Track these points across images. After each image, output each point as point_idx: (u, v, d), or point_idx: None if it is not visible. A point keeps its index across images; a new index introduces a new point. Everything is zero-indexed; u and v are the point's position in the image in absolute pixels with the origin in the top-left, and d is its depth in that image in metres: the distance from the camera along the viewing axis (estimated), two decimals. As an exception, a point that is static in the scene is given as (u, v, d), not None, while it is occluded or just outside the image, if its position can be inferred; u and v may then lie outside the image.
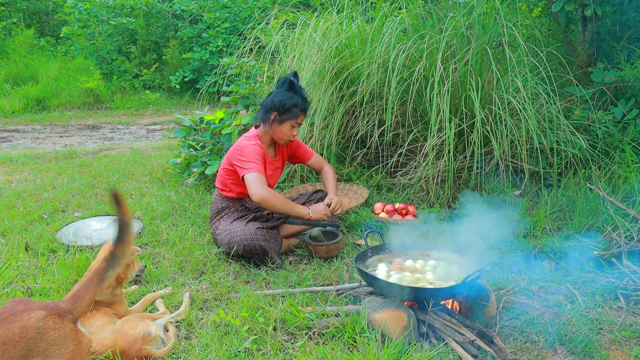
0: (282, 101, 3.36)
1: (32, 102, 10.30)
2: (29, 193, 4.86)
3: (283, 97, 3.36)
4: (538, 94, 4.19)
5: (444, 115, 3.87)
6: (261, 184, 3.20)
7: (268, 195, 3.17)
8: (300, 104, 3.37)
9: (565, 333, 2.52)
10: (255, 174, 3.23)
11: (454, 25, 4.21)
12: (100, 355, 2.26)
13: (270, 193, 3.20)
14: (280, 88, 3.42)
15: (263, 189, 3.18)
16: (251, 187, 3.20)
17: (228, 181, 3.50)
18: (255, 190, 3.18)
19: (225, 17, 11.28)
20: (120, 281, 2.56)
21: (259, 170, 3.26)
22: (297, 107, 3.36)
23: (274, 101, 3.38)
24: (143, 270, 2.72)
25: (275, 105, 3.37)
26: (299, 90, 3.40)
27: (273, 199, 3.19)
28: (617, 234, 3.19)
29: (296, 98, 3.37)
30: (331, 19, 4.90)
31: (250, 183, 3.21)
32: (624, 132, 4.19)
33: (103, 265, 1.94)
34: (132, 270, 2.63)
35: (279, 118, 3.38)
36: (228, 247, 3.32)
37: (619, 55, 4.61)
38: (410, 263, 2.88)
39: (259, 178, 3.22)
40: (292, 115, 3.37)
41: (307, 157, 3.77)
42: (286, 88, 3.40)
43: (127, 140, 8.16)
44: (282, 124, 3.39)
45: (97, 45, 11.32)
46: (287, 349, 2.41)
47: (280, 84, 3.44)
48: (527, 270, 3.21)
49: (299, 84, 3.43)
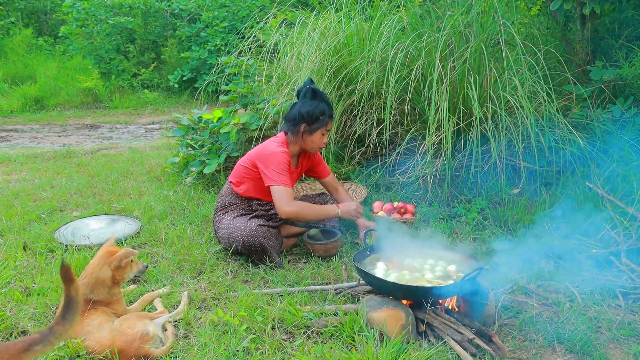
0: (309, 112, 3.34)
1: (30, 102, 10.27)
2: (27, 192, 4.86)
3: (309, 107, 3.35)
4: (536, 92, 4.18)
5: (442, 114, 3.86)
6: (289, 200, 3.21)
7: (297, 210, 3.21)
8: (327, 111, 3.37)
9: (564, 331, 2.52)
10: (284, 188, 3.23)
11: (452, 24, 4.21)
12: (98, 354, 2.27)
13: (299, 206, 3.23)
14: (304, 98, 3.40)
15: (290, 206, 3.19)
16: (280, 202, 3.20)
17: (245, 179, 3.46)
18: (284, 207, 3.19)
19: (223, 16, 11.26)
20: (116, 282, 2.55)
21: (287, 183, 3.25)
22: (324, 115, 3.36)
23: (301, 112, 3.36)
24: (143, 271, 2.69)
25: (303, 116, 3.35)
26: (322, 97, 3.39)
27: (300, 212, 3.23)
28: (616, 232, 3.19)
29: (322, 106, 3.36)
30: (330, 17, 4.89)
31: (279, 197, 3.21)
32: (622, 131, 4.19)
33: (36, 337, 1.75)
34: (129, 271, 2.59)
35: (309, 129, 3.37)
36: (228, 242, 3.32)
37: (618, 53, 4.60)
38: (409, 262, 2.88)
39: (287, 193, 3.23)
40: (322, 123, 3.36)
41: (324, 175, 3.76)
42: (310, 97, 3.38)
43: (126, 139, 8.15)
44: (312, 134, 3.39)
45: (96, 44, 11.30)
46: (286, 348, 2.41)
47: (302, 95, 3.42)
48: (526, 268, 3.21)
49: (321, 91, 3.42)
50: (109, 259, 2.51)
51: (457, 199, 4.13)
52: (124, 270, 2.56)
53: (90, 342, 2.30)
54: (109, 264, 2.50)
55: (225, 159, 4.75)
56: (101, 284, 2.49)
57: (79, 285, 2.45)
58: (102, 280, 2.49)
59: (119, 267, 2.52)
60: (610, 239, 3.23)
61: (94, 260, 2.55)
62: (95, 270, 2.49)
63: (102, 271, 2.49)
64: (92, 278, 2.48)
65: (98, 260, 2.53)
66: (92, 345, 2.29)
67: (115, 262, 2.50)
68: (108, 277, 2.50)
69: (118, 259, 2.51)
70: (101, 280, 2.49)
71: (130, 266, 2.60)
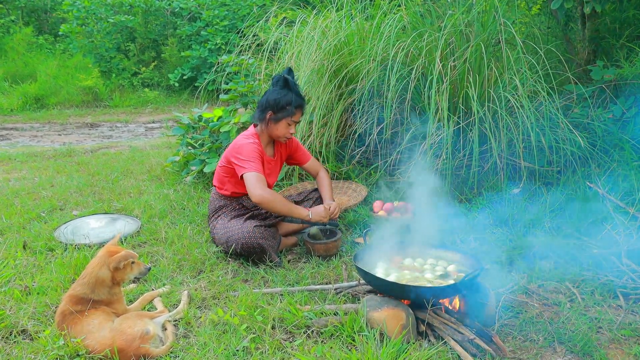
0: (276, 99, 3.34)
1: (31, 100, 10.27)
2: (27, 191, 4.85)
3: (277, 95, 3.34)
4: (537, 91, 4.18)
5: (442, 113, 3.86)
6: (261, 184, 3.19)
7: (268, 196, 3.16)
8: (294, 101, 3.34)
9: (565, 332, 2.52)
10: (255, 173, 3.22)
11: (453, 23, 4.20)
12: (99, 354, 2.26)
13: (270, 194, 3.19)
14: (275, 86, 3.40)
15: (263, 190, 3.17)
16: (250, 187, 3.19)
17: (225, 179, 3.49)
18: (254, 190, 3.17)
19: (224, 14, 11.25)
20: (116, 282, 2.54)
21: (257, 169, 3.24)
22: (291, 105, 3.34)
23: (269, 100, 3.36)
24: (145, 273, 2.65)
25: (270, 104, 3.35)
26: (293, 87, 3.37)
27: (273, 200, 3.18)
28: (617, 232, 3.18)
29: (290, 95, 3.34)
30: (330, 16, 4.89)
31: (249, 183, 3.20)
32: (623, 130, 4.18)
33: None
34: (130, 273, 2.56)
35: (274, 117, 3.36)
36: (226, 245, 3.31)
37: (618, 53, 4.60)
38: (409, 261, 2.88)
39: (258, 177, 3.21)
40: (288, 113, 3.35)
41: (304, 160, 3.76)
42: (280, 86, 3.38)
43: (126, 138, 8.14)
44: (278, 123, 3.38)
45: (96, 43, 11.29)
46: (286, 348, 2.41)
47: (274, 82, 3.42)
48: (527, 268, 3.21)
49: (294, 81, 3.40)
50: (108, 260, 2.49)
51: (458, 198, 4.12)
52: (124, 272, 2.53)
53: (90, 341, 2.29)
54: (107, 264, 2.48)
55: (225, 158, 4.75)
56: (101, 284, 2.47)
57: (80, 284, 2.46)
58: (102, 280, 2.47)
59: (117, 269, 2.50)
60: (611, 239, 3.22)
61: (94, 260, 2.54)
62: (95, 270, 2.47)
63: (101, 271, 2.47)
64: (92, 277, 2.46)
65: (98, 260, 2.51)
66: (92, 345, 2.28)
67: (113, 263, 2.47)
68: (108, 277, 2.48)
69: (116, 261, 2.48)
70: (101, 280, 2.47)
71: (131, 267, 2.56)
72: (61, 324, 2.37)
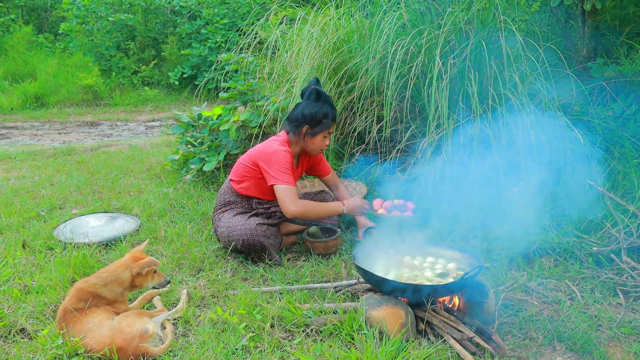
0: (312, 114, 3.31)
1: (31, 99, 10.27)
2: (27, 190, 4.85)
3: (313, 109, 3.31)
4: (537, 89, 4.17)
5: (442, 111, 3.85)
6: (293, 199, 3.18)
7: (301, 210, 3.17)
8: (330, 114, 3.34)
9: (564, 330, 2.51)
10: (287, 187, 3.20)
11: (453, 20, 4.18)
12: (98, 352, 2.26)
13: (302, 207, 3.19)
14: (308, 99, 3.36)
15: (295, 205, 3.16)
16: (283, 202, 3.18)
17: (245, 178, 3.43)
18: (287, 206, 3.16)
19: (224, 13, 11.24)
20: (134, 286, 2.58)
21: (290, 182, 3.22)
22: (328, 118, 3.33)
23: (304, 114, 3.32)
24: (164, 285, 2.67)
25: (306, 118, 3.32)
26: (326, 99, 3.36)
27: (306, 212, 3.20)
28: (617, 230, 3.18)
29: (326, 108, 3.33)
30: (330, 14, 4.88)
31: (281, 196, 3.19)
32: (623, 128, 4.17)
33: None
34: (150, 281, 2.60)
35: (311, 131, 3.34)
36: (227, 240, 3.31)
37: (619, 50, 4.58)
38: (409, 259, 2.88)
39: (292, 192, 3.20)
40: (324, 126, 3.34)
41: (325, 173, 3.75)
42: (314, 99, 3.34)
43: (126, 136, 8.14)
44: (314, 137, 3.36)
45: (96, 41, 11.28)
46: (285, 347, 2.41)
47: (307, 96, 3.38)
48: (526, 266, 3.20)
49: (325, 93, 3.39)
50: (132, 264, 2.55)
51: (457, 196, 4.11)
52: (144, 279, 2.58)
53: (89, 340, 2.29)
54: (131, 268, 2.54)
55: (224, 157, 4.74)
56: (120, 284, 2.52)
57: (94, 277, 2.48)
58: (121, 281, 2.53)
59: (139, 274, 2.55)
60: (611, 237, 3.21)
61: (119, 261, 2.60)
62: (118, 271, 2.53)
63: (124, 273, 2.53)
64: (112, 275, 2.52)
65: (122, 262, 2.58)
66: (91, 344, 2.28)
67: (137, 268, 2.53)
68: (127, 280, 2.54)
69: (140, 266, 2.53)
70: (120, 281, 2.52)
71: (152, 276, 2.61)
72: (61, 321, 2.38)
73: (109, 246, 3.57)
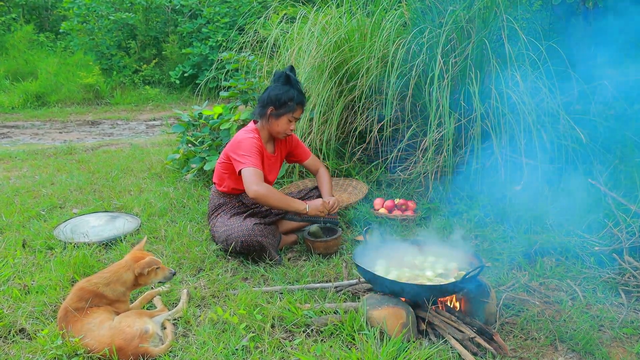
0: (277, 95, 3.33)
1: (32, 98, 10.27)
2: (27, 189, 4.84)
3: (279, 91, 3.34)
4: (538, 88, 4.15)
5: (443, 110, 3.84)
6: (257, 179, 3.18)
7: (263, 191, 3.15)
8: (296, 98, 3.34)
9: (566, 330, 2.50)
10: (252, 168, 3.21)
11: (454, 19, 4.17)
12: (97, 352, 2.25)
13: (266, 189, 3.17)
14: (277, 82, 3.40)
15: (258, 185, 3.15)
16: (246, 182, 3.19)
17: (225, 176, 3.48)
18: (250, 186, 3.16)
19: (225, 11, 11.23)
20: (137, 285, 2.59)
21: (255, 164, 3.23)
22: (293, 101, 3.34)
23: (270, 96, 3.36)
24: (170, 278, 2.68)
25: (271, 99, 3.35)
26: (295, 83, 3.37)
27: (268, 195, 3.17)
28: (619, 229, 3.16)
29: (292, 92, 3.34)
30: (330, 13, 4.86)
31: (246, 178, 3.20)
32: (625, 127, 4.15)
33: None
34: (154, 278, 2.61)
35: (275, 112, 3.36)
36: (226, 243, 3.30)
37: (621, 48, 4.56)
38: (410, 259, 2.86)
39: (256, 173, 3.20)
40: (289, 109, 3.34)
41: (304, 157, 3.76)
42: (282, 82, 3.37)
43: (127, 136, 8.13)
44: (278, 119, 3.37)
45: (97, 40, 11.28)
46: (285, 347, 2.40)
47: (276, 78, 3.42)
48: (528, 266, 3.19)
49: (295, 78, 3.40)
50: (134, 265, 2.55)
51: (459, 195, 4.10)
52: (148, 277, 2.59)
53: (89, 340, 2.28)
54: (133, 269, 2.54)
55: (225, 156, 4.73)
56: (122, 284, 2.53)
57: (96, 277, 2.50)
58: (124, 281, 2.53)
59: (142, 274, 2.55)
60: (613, 236, 3.20)
61: (121, 261, 2.60)
62: (120, 271, 2.53)
63: (126, 274, 2.54)
64: (114, 275, 2.52)
65: (124, 262, 2.58)
66: (91, 344, 2.27)
67: (138, 269, 2.54)
68: (130, 280, 2.55)
69: (141, 267, 2.54)
70: (122, 281, 2.53)
71: (156, 273, 2.61)
72: (62, 321, 2.37)
73: (109, 246, 3.56)
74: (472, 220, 3.79)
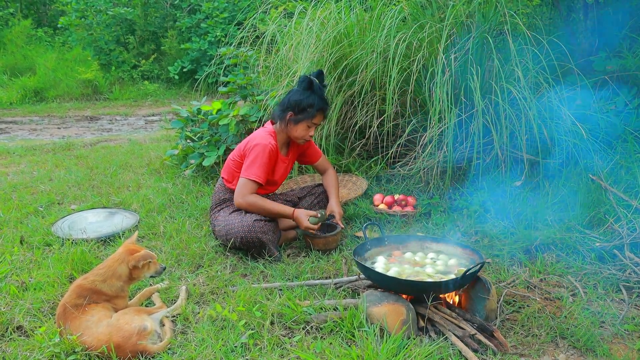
0: (298, 101, 3.30)
1: (30, 94, 10.24)
2: (25, 185, 4.82)
3: (300, 96, 3.30)
4: (539, 83, 4.13)
5: (443, 105, 3.82)
6: (246, 192, 3.26)
7: (248, 204, 3.26)
8: (317, 104, 3.30)
9: (567, 326, 2.49)
10: (247, 180, 3.27)
11: (454, 14, 4.14)
12: (95, 350, 2.23)
13: (252, 201, 3.25)
14: (299, 87, 3.36)
15: (245, 199, 3.26)
16: (237, 193, 3.28)
17: (236, 174, 3.44)
18: (237, 199, 3.28)
19: (223, 6, 11.19)
20: (132, 279, 2.57)
21: (256, 175, 3.26)
22: (313, 107, 3.30)
23: (290, 100, 3.32)
24: (161, 273, 2.67)
25: (291, 104, 3.32)
26: (317, 89, 3.32)
27: (254, 207, 3.27)
28: (620, 225, 3.14)
29: (313, 98, 3.30)
30: (329, 7, 4.83)
31: (238, 188, 3.28)
32: (626, 122, 4.13)
33: None
34: (147, 271, 2.60)
35: (294, 118, 3.32)
36: (225, 238, 3.28)
37: (621, 44, 4.54)
38: (410, 256, 2.85)
39: (249, 185, 3.27)
40: (308, 115, 3.31)
41: (315, 158, 3.72)
42: (304, 87, 3.33)
43: (125, 131, 8.11)
44: (297, 124, 3.34)
45: (95, 35, 11.24)
46: (284, 344, 2.38)
47: (299, 82, 3.37)
48: (528, 262, 3.18)
49: (319, 84, 3.35)
50: (128, 258, 2.53)
51: (459, 191, 4.09)
52: (141, 271, 2.57)
53: (87, 337, 2.27)
54: (127, 262, 2.52)
55: (224, 151, 4.71)
56: (118, 278, 2.51)
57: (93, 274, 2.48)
58: (119, 275, 2.51)
59: (136, 267, 2.54)
60: (614, 232, 3.18)
61: (114, 255, 2.58)
62: (115, 265, 2.52)
63: (120, 267, 2.52)
64: (109, 270, 2.50)
65: (117, 256, 2.56)
66: (89, 341, 2.26)
67: (133, 262, 2.52)
68: (125, 274, 2.53)
69: (136, 260, 2.52)
70: (118, 275, 2.51)
71: (148, 266, 2.60)
72: (60, 318, 2.35)
73: (107, 242, 3.54)
74: (472, 216, 3.77)
